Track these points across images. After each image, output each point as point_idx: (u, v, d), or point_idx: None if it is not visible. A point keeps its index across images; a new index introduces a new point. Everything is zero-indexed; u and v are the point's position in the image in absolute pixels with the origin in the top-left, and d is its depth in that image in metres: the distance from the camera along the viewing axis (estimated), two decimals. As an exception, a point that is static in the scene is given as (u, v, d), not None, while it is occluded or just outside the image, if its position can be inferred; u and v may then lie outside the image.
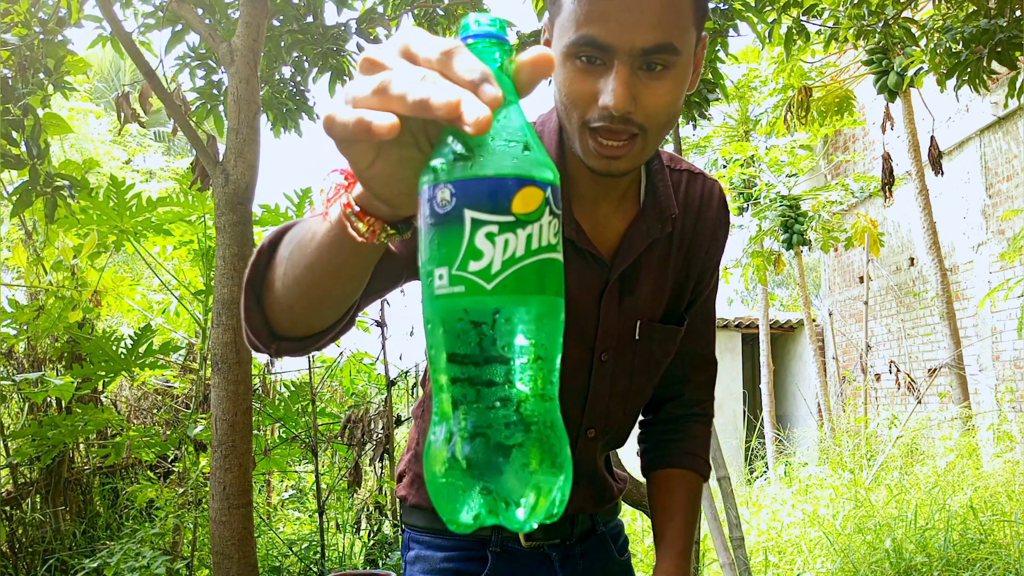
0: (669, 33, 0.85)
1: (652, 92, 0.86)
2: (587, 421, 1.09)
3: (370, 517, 3.93)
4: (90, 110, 10.14)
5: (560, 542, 1.18)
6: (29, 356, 3.76)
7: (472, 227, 0.47)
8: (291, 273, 0.70)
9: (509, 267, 0.48)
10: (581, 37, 0.85)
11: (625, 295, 1.04)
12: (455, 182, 0.48)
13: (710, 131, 9.56)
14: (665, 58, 0.85)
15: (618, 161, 0.90)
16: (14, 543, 3.62)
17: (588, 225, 1.02)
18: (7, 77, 2.88)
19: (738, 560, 3.32)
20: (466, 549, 1.16)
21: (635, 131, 0.88)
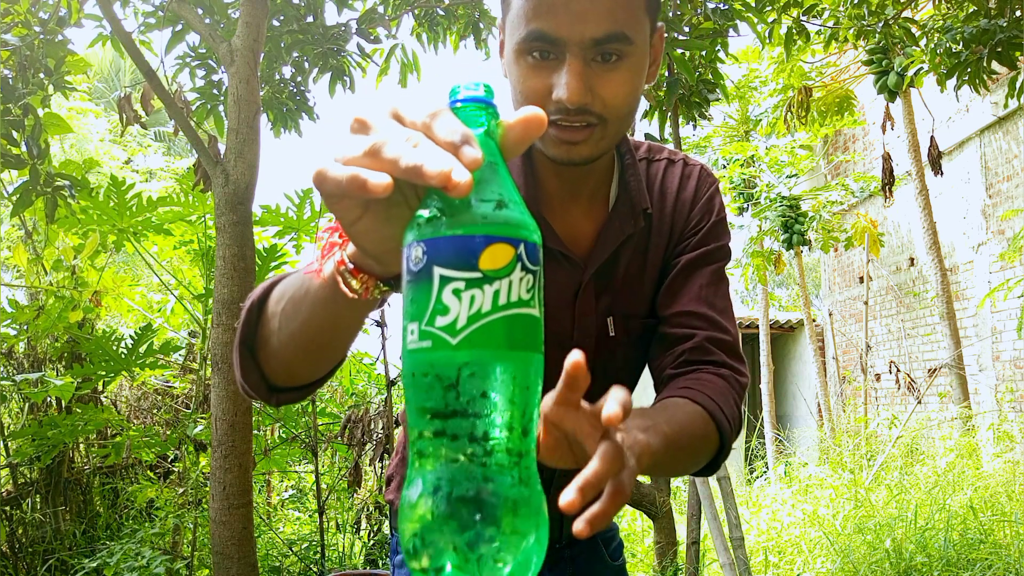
0: (621, 22, 0.84)
1: (608, 82, 0.86)
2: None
3: (370, 517, 3.93)
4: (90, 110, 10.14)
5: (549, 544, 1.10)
6: (29, 356, 3.76)
7: (440, 283, 0.48)
8: (286, 328, 0.70)
9: (475, 322, 0.48)
10: (531, 32, 0.84)
11: (601, 293, 1.01)
12: (426, 240, 0.49)
13: (710, 131, 9.55)
14: (618, 47, 0.85)
15: (579, 147, 0.89)
16: (14, 543, 3.62)
17: (559, 226, 1.00)
18: (7, 77, 2.88)
19: (738, 560, 3.32)
20: None
21: (594, 121, 0.88)
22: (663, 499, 3.82)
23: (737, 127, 9.63)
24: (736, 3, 3.63)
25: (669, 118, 3.90)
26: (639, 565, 4.48)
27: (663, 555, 3.86)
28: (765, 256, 8.75)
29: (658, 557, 3.88)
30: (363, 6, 3.64)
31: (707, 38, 3.60)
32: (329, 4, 3.48)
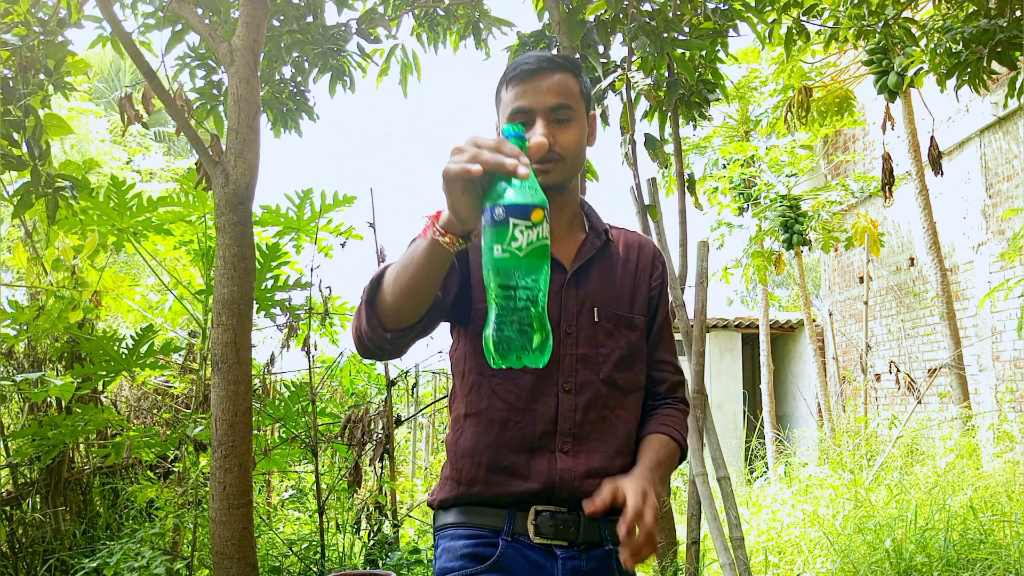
0: (566, 98, 1.38)
1: (564, 134, 1.38)
2: (561, 377, 1.39)
3: (370, 517, 3.93)
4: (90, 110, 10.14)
5: (567, 544, 1.36)
6: (29, 356, 3.76)
7: (513, 227, 1.01)
8: (398, 283, 1.21)
9: (530, 246, 1.02)
10: (515, 109, 1.38)
11: (581, 287, 1.43)
12: (505, 205, 1.01)
13: (710, 131, 9.56)
14: (566, 112, 1.38)
15: (549, 175, 1.38)
16: (14, 543, 3.62)
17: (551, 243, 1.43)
18: (7, 77, 2.88)
19: (738, 560, 3.32)
20: (482, 538, 1.36)
21: (556, 158, 1.38)
22: (663, 499, 3.82)
23: (737, 127, 9.63)
24: (736, 3, 3.63)
25: (669, 118, 3.90)
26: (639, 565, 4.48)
27: (663, 555, 3.87)
28: (765, 256, 8.75)
29: (658, 557, 3.89)
30: (363, 6, 3.64)
31: (707, 38, 3.60)
32: (329, 4, 3.48)
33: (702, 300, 3.72)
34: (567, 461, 1.36)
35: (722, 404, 10.50)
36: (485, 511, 1.37)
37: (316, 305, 3.82)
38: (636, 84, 3.41)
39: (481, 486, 1.37)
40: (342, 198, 3.78)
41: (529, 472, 1.35)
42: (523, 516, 1.35)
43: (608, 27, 3.52)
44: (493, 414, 1.38)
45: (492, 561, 1.34)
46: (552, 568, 1.34)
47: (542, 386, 1.38)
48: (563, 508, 1.36)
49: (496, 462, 1.37)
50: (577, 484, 1.35)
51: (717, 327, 10.82)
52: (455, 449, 1.41)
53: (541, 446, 1.36)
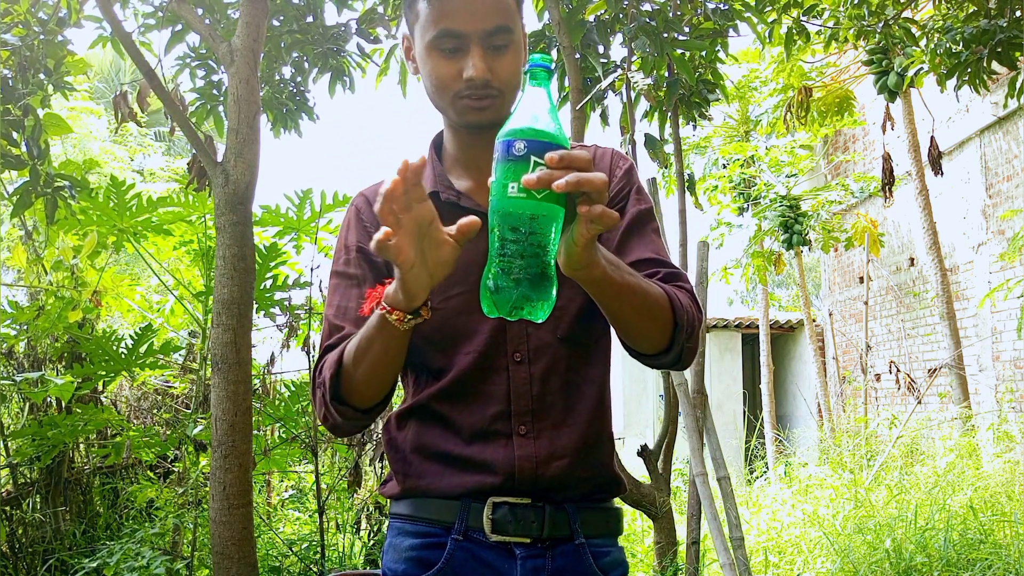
0: (504, 18, 1.15)
1: (501, 64, 1.16)
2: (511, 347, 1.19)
3: (370, 517, 3.93)
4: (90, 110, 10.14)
5: (531, 542, 1.17)
6: (29, 356, 3.76)
7: (534, 164, 0.90)
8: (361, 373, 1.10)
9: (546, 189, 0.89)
10: (441, 31, 1.13)
11: None
12: (528, 139, 0.90)
13: (710, 131, 9.55)
14: (505, 37, 1.15)
15: (486, 112, 1.16)
16: (14, 543, 3.62)
17: (469, 186, 1.23)
18: (7, 77, 2.88)
19: (738, 560, 3.32)
20: (430, 536, 1.19)
21: (495, 94, 1.16)
22: (663, 499, 3.82)
23: (737, 127, 9.63)
24: (736, 3, 3.63)
25: (669, 118, 3.90)
26: (639, 565, 4.49)
27: (663, 555, 3.86)
28: (765, 256, 8.75)
29: (658, 557, 3.89)
30: (363, 6, 3.64)
31: (707, 38, 3.60)
32: (329, 4, 3.48)
33: (702, 300, 3.72)
34: (527, 445, 1.17)
35: (722, 404, 10.50)
36: (436, 504, 1.19)
37: (316, 305, 3.82)
38: (636, 84, 3.40)
39: (430, 478, 1.20)
40: (342, 198, 3.78)
41: (484, 463, 1.17)
42: (478, 509, 1.17)
43: (608, 27, 3.52)
44: (436, 407, 1.20)
45: (438, 568, 1.17)
46: (510, 569, 1.17)
47: (488, 362, 1.18)
48: (525, 499, 1.17)
49: (445, 455, 1.19)
50: (541, 470, 1.17)
51: (717, 327, 10.82)
52: (400, 444, 1.23)
53: (495, 431, 1.17)
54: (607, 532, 1.24)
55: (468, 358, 1.18)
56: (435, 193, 1.20)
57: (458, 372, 1.19)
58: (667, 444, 3.95)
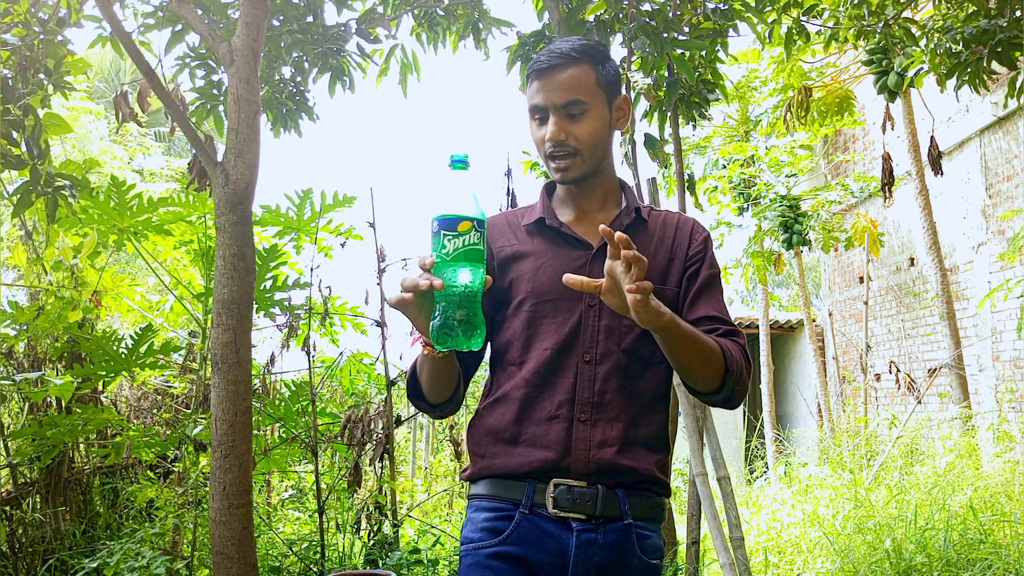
0: (576, 93, 1.45)
1: (577, 127, 1.46)
2: (582, 348, 1.45)
3: (370, 517, 3.93)
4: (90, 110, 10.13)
5: (585, 518, 1.41)
6: (29, 356, 3.76)
7: (443, 236, 1.22)
8: (422, 381, 1.45)
9: (456, 251, 1.22)
10: (531, 106, 1.49)
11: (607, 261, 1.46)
12: (437, 219, 1.23)
13: (710, 131, 9.54)
14: (578, 107, 1.45)
15: (567, 172, 1.49)
16: (14, 543, 3.62)
17: (570, 219, 1.54)
18: (7, 77, 2.88)
19: (738, 560, 3.32)
20: (501, 511, 1.44)
21: (572, 151, 1.46)
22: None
23: (737, 127, 9.62)
24: (736, 3, 3.63)
25: (669, 118, 3.90)
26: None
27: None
28: (765, 256, 8.74)
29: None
30: (363, 6, 3.64)
31: (707, 38, 3.60)
32: (329, 4, 3.48)
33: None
34: (583, 430, 1.42)
35: (722, 404, 10.47)
36: (507, 484, 1.44)
37: (316, 305, 3.82)
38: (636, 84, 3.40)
39: (502, 458, 1.44)
40: (342, 198, 3.78)
41: (546, 441, 1.42)
42: (542, 489, 1.41)
43: (608, 27, 3.51)
44: (515, 394, 1.45)
45: (506, 534, 1.42)
46: (567, 540, 1.40)
47: (563, 359, 1.44)
48: (582, 482, 1.41)
49: (516, 436, 1.44)
50: (592, 453, 1.41)
51: (717, 327, 10.79)
52: (479, 428, 1.49)
53: (559, 416, 1.42)
54: (651, 517, 1.47)
55: (546, 353, 1.45)
56: (541, 219, 1.53)
57: (537, 363, 1.45)
58: (667, 444, 3.94)
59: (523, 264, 1.50)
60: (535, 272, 1.48)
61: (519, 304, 1.48)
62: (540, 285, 1.47)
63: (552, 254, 1.49)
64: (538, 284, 1.48)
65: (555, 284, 1.43)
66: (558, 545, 1.40)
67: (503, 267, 1.51)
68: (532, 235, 1.53)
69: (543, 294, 1.47)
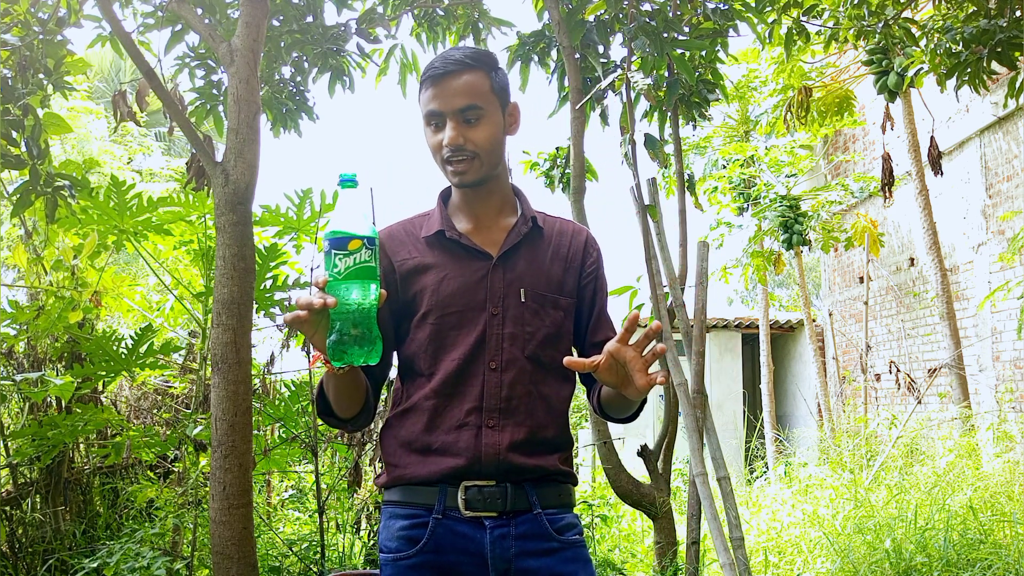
0: (473, 98, 1.47)
1: (474, 132, 1.48)
2: (487, 356, 1.49)
3: (370, 517, 3.93)
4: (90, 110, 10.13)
5: (497, 515, 1.46)
6: (29, 356, 3.76)
7: (334, 255, 1.25)
8: (328, 392, 1.46)
9: (348, 270, 1.24)
10: (427, 112, 1.49)
11: (507, 270, 1.53)
12: (327, 239, 1.25)
13: (710, 131, 9.55)
14: (475, 112, 1.47)
15: (465, 175, 1.50)
16: (14, 543, 3.62)
17: (469, 228, 1.56)
18: (7, 77, 2.88)
19: (738, 560, 3.32)
20: (415, 518, 1.47)
21: (470, 155, 1.48)
22: (663, 499, 3.82)
23: (737, 127, 9.62)
24: (736, 3, 3.63)
25: (669, 118, 3.90)
26: (639, 565, 4.49)
27: (663, 555, 3.86)
28: (765, 256, 8.74)
29: (658, 557, 3.89)
30: (363, 6, 3.64)
31: (707, 38, 3.60)
32: (329, 4, 3.48)
33: (702, 300, 3.72)
34: (492, 436, 1.46)
35: (722, 404, 10.50)
36: (419, 490, 1.48)
37: (316, 305, 3.81)
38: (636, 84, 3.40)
39: (414, 468, 1.48)
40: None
41: (456, 449, 1.46)
42: (453, 492, 1.46)
43: (608, 27, 3.51)
44: (424, 404, 1.49)
45: (423, 543, 1.46)
46: (482, 538, 1.45)
47: (469, 368, 1.49)
48: (491, 482, 1.46)
49: (428, 446, 1.48)
50: (502, 456, 1.46)
51: (717, 327, 10.81)
52: (391, 439, 1.53)
53: (468, 423, 1.47)
54: (560, 504, 1.53)
55: (453, 363, 1.48)
56: (441, 232, 1.53)
57: (445, 374, 1.48)
58: (667, 444, 3.95)
59: (426, 277, 1.52)
60: (438, 284, 1.51)
61: (424, 316, 1.51)
62: (444, 298, 1.50)
63: (454, 266, 1.52)
64: (442, 297, 1.50)
65: (458, 296, 1.50)
66: (474, 545, 1.45)
67: (405, 280, 1.53)
68: (432, 247, 1.54)
69: (447, 306, 1.50)
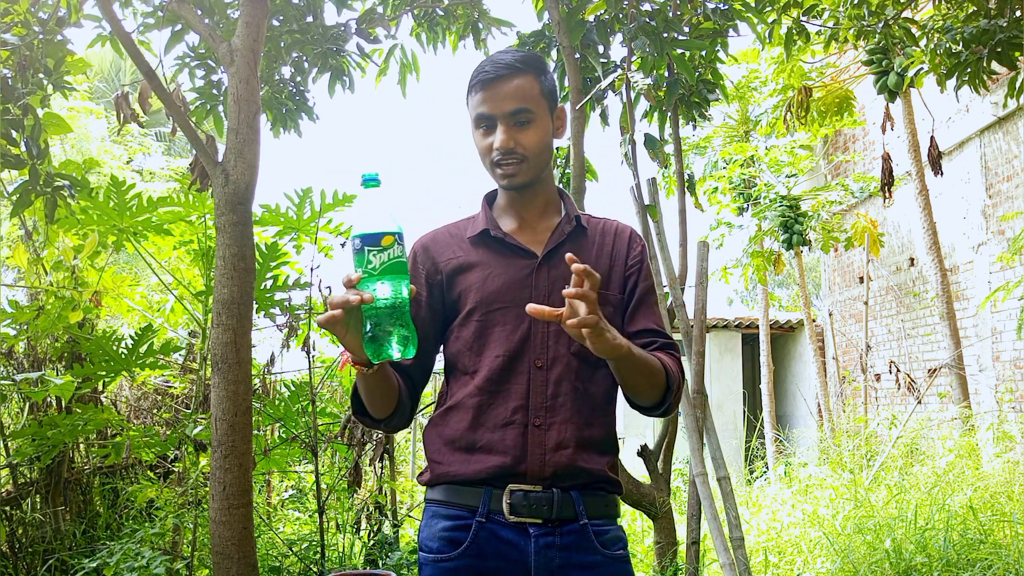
0: (523, 102, 1.48)
1: (523, 135, 1.49)
2: (532, 354, 1.48)
3: (370, 517, 3.93)
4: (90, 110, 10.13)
5: (542, 522, 1.43)
6: (29, 356, 3.76)
7: (367, 252, 1.25)
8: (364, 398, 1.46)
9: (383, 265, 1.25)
10: (477, 116, 1.50)
11: (552, 269, 1.52)
12: (360, 236, 1.26)
13: (710, 131, 9.55)
14: (525, 115, 1.48)
15: (514, 177, 1.51)
16: (14, 543, 3.62)
17: (513, 228, 1.57)
18: (7, 77, 2.88)
19: (738, 560, 3.32)
20: (458, 520, 1.45)
21: (520, 159, 1.49)
22: (663, 499, 3.82)
23: (737, 127, 9.62)
24: (736, 3, 3.63)
25: (669, 118, 3.90)
26: (639, 565, 4.48)
27: (663, 555, 3.86)
28: (765, 256, 8.75)
29: (658, 557, 3.88)
30: (362, 6, 3.64)
31: (707, 38, 3.60)
32: (329, 4, 3.48)
33: (702, 300, 3.72)
34: (538, 434, 1.44)
35: (722, 404, 10.49)
36: (463, 490, 1.46)
37: (316, 305, 3.82)
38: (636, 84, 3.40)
39: (459, 466, 1.46)
40: (342, 197, 3.78)
41: (502, 447, 1.44)
42: (498, 495, 1.43)
43: (608, 27, 3.51)
44: (469, 401, 1.48)
45: (465, 547, 1.43)
46: (526, 546, 1.42)
47: (514, 366, 1.47)
48: (538, 487, 1.43)
49: (472, 443, 1.46)
50: (548, 456, 1.43)
51: (717, 327, 10.81)
52: (435, 436, 1.51)
53: (514, 421, 1.45)
54: (606, 515, 1.50)
55: (498, 360, 1.47)
56: (485, 231, 1.55)
57: (489, 371, 1.47)
58: (667, 444, 3.95)
59: (470, 275, 1.53)
60: (483, 282, 1.51)
61: (468, 314, 1.51)
62: (488, 295, 1.50)
63: (499, 264, 1.52)
64: (486, 294, 1.50)
65: (503, 293, 1.49)
66: (517, 552, 1.42)
67: (450, 279, 1.54)
68: (477, 246, 1.55)
69: (492, 303, 1.50)
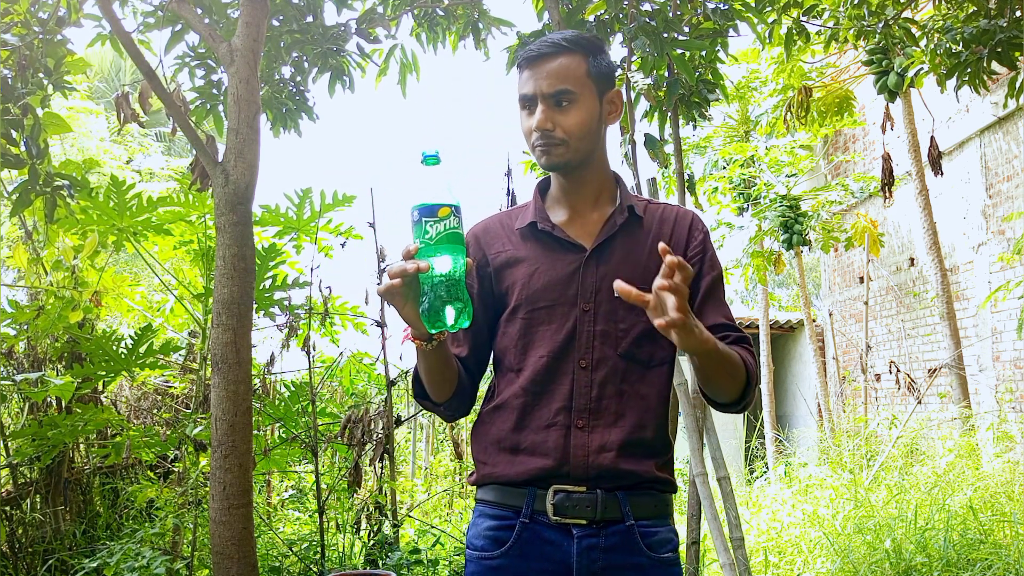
0: (564, 82, 1.42)
1: (564, 117, 1.43)
2: (577, 354, 1.44)
3: (370, 517, 3.93)
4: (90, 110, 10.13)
5: (586, 523, 1.40)
6: (29, 356, 3.76)
7: (424, 222, 1.28)
8: (423, 378, 1.46)
9: (439, 235, 1.27)
10: (520, 96, 1.47)
11: (601, 264, 1.47)
12: (417, 208, 1.28)
13: (710, 131, 9.54)
14: (567, 97, 1.43)
15: (552, 156, 1.45)
16: (14, 543, 3.62)
17: (563, 219, 1.52)
18: (7, 77, 2.88)
19: (738, 560, 3.32)
20: (503, 520, 1.45)
21: (559, 141, 1.44)
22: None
23: (737, 127, 9.62)
24: (736, 3, 3.63)
25: (669, 118, 3.90)
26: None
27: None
28: (765, 256, 8.74)
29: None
30: (363, 6, 3.64)
31: (707, 38, 3.60)
32: (329, 4, 3.48)
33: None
34: (581, 436, 1.41)
35: (722, 404, 10.47)
36: (508, 491, 1.44)
37: (316, 305, 3.82)
38: (636, 84, 3.40)
39: (503, 467, 1.45)
40: (342, 197, 3.78)
41: (544, 449, 1.42)
42: (542, 495, 1.41)
43: (608, 27, 3.51)
44: (513, 402, 1.45)
45: (508, 546, 1.42)
46: (569, 547, 1.40)
47: (559, 366, 1.44)
48: (581, 488, 1.40)
49: (516, 445, 1.44)
50: (591, 459, 1.40)
51: (717, 327, 10.78)
52: (482, 436, 1.50)
53: (556, 423, 1.42)
54: (655, 515, 1.45)
55: (542, 360, 1.44)
56: (533, 223, 1.50)
57: (533, 371, 1.45)
58: (667, 444, 3.94)
59: (517, 270, 1.49)
60: (529, 278, 1.47)
61: (514, 311, 1.48)
62: (533, 292, 1.46)
63: (545, 259, 1.48)
64: (532, 291, 1.47)
65: (548, 290, 1.46)
66: (560, 553, 1.40)
67: (498, 273, 1.51)
68: (525, 239, 1.51)
69: (537, 301, 1.46)
